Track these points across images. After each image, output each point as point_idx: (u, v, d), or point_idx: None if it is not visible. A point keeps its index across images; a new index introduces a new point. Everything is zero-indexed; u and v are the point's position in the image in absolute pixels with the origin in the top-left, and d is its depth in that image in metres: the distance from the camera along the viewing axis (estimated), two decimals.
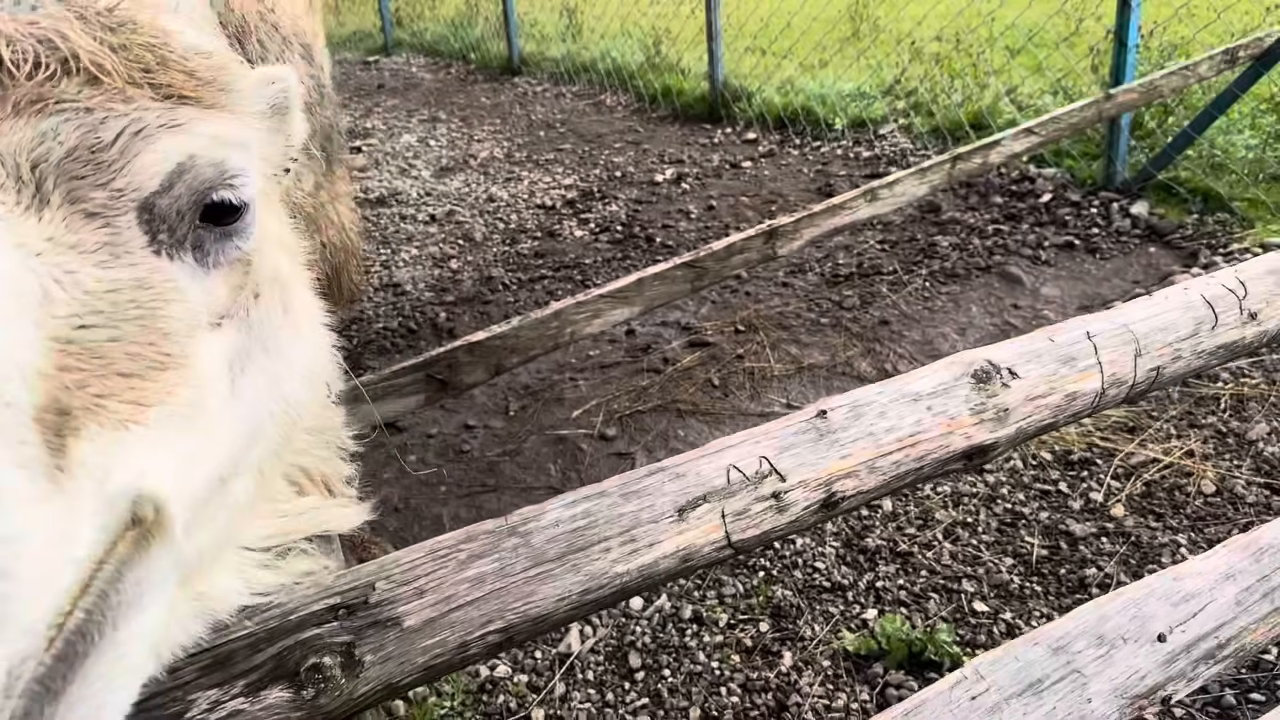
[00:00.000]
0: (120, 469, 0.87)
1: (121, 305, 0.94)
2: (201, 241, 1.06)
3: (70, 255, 0.93)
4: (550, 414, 5.00)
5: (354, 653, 1.16)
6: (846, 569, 3.65)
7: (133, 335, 0.94)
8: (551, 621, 1.27)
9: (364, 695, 1.17)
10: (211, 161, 1.04)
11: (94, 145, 0.98)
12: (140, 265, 0.98)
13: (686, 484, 1.35)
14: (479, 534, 1.27)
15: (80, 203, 0.96)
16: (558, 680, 3.34)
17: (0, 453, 0.75)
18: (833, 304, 5.69)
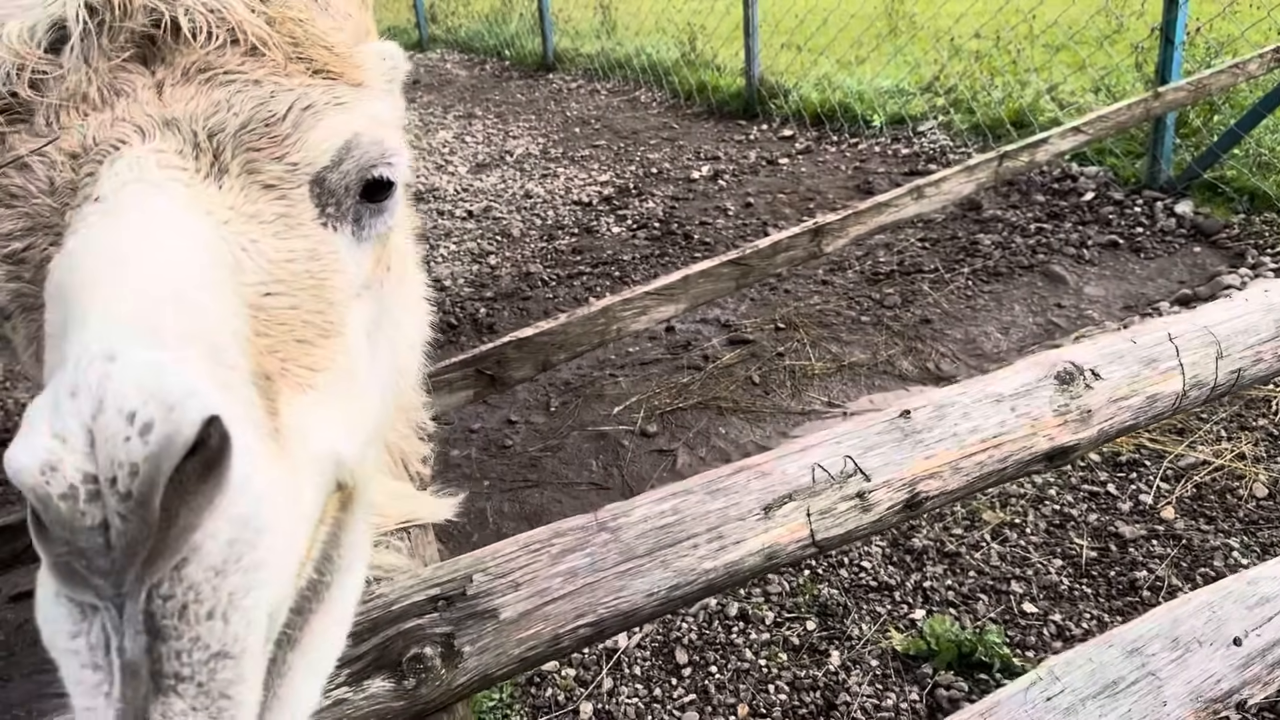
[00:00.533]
0: (316, 435, 0.91)
1: (298, 275, 0.98)
2: (359, 215, 1.10)
3: (252, 225, 0.96)
4: (591, 410, 5.02)
5: (454, 643, 1.17)
6: (893, 569, 3.65)
7: (307, 304, 0.98)
8: (640, 617, 1.28)
9: (462, 685, 1.19)
10: (374, 140, 1.08)
11: (267, 118, 1.01)
12: (311, 236, 1.02)
13: (771, 482, 1.35)
14: (569, 529, 1.28)
15: (257, 174, 0.99)
16: (605, 675, 3.35)
17: (237, 412, 0.78)
18: (873, 302, 5.67)
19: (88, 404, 0.71)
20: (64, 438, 0.71)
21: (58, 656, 0.76)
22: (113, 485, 0.70)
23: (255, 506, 0.77)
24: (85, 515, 0.71)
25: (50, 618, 0.75)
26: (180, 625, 0.74)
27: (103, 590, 0.73)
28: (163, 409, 0.71)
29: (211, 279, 0.86)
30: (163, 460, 0.71)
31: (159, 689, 0.74)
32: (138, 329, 0.76)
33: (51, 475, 0.70)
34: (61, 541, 0.71)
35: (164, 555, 0.73)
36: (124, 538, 0.71)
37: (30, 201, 0.97)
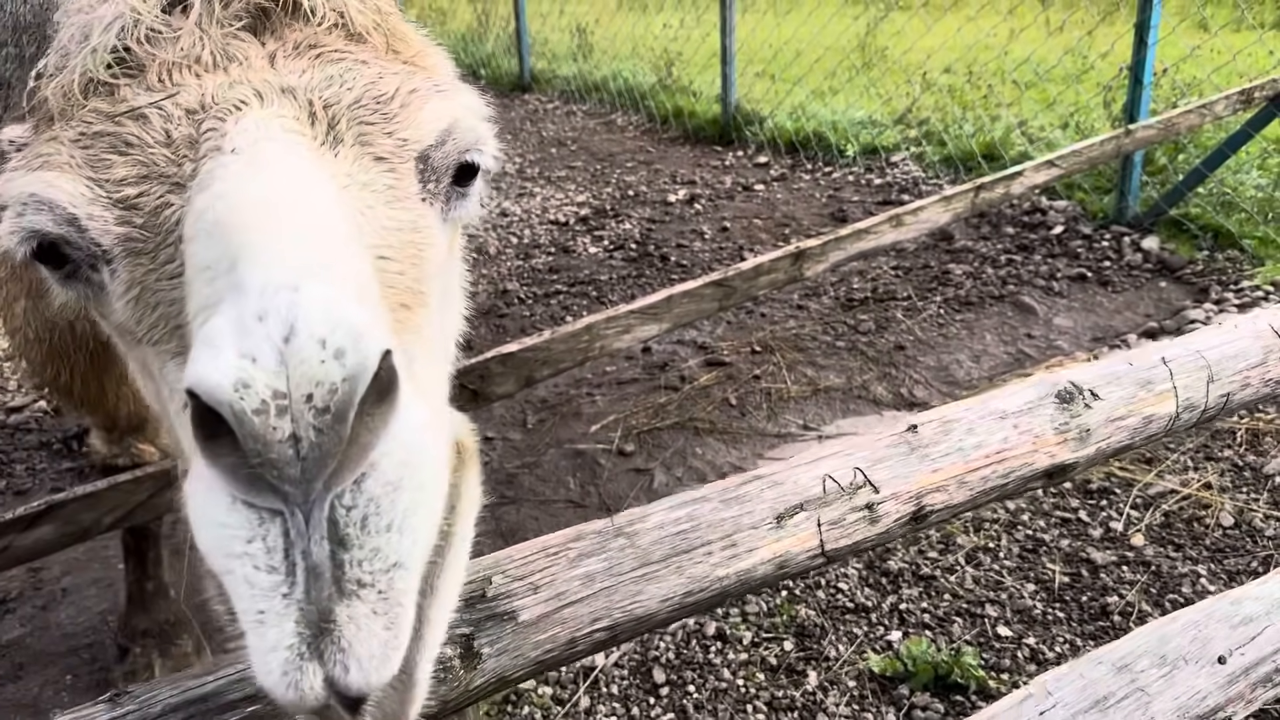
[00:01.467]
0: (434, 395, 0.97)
1: (404, 244, 1.04)
2: (449, 197, 1.17)
3: (366, 193, 1.02)
4: (568, 428, 5.02)
5: (473, 644, 1.18)
6: (870, 590, 3.68)
7: (409, 272, 1.04)
8: (654, 622, 1.29)
9: (479, 687, 1.19)
10: (470, 127, 1.16)
11: (378, 96, 1.07)
12: (414, 210, 1.08)
13: (784, 491, 1.37)
14: (587, 533, 1.29)
15: (369, 146, 1.05)
16: (582, 693, 3.35)
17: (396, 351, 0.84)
18: (848, 328, 5.74)
19: (277, 328, 0.76)
20: (254, 357, 0.76)
21: (225, 562, 0.80)
22: (308, 401, 0.76)
23: (419, 434, 0.84)
24: (276, 429, 0.76)
25: (224, 523, 0.80)
26: (362, 535, 0.80)
27: (292, 496, 0.79)
28: (351, 338, 0.77)
29: (350, 232, 0.93)
30: (359, 382, 0.77)
31: (343, 593, 0.80)
32: (312, 266, 0.81)
33: (245, 391, 0.75)
34: (254, 453, 0.77)
35: (347, 469, 0.80)
36: (317, 449, 0.77)
37: (146, 151, 1.02)
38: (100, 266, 1.06)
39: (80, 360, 2.12)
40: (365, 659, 0.80)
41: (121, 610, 3.46)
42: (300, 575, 0.79)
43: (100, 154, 1.03)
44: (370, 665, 0.81)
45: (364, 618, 0.80)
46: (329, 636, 0.79)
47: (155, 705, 1.04)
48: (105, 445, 2.78)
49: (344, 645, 0.80)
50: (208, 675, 1.07)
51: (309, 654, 0.79)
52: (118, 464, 2.77)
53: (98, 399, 2.34)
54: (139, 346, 1.09)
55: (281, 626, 0.79)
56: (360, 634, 0.80)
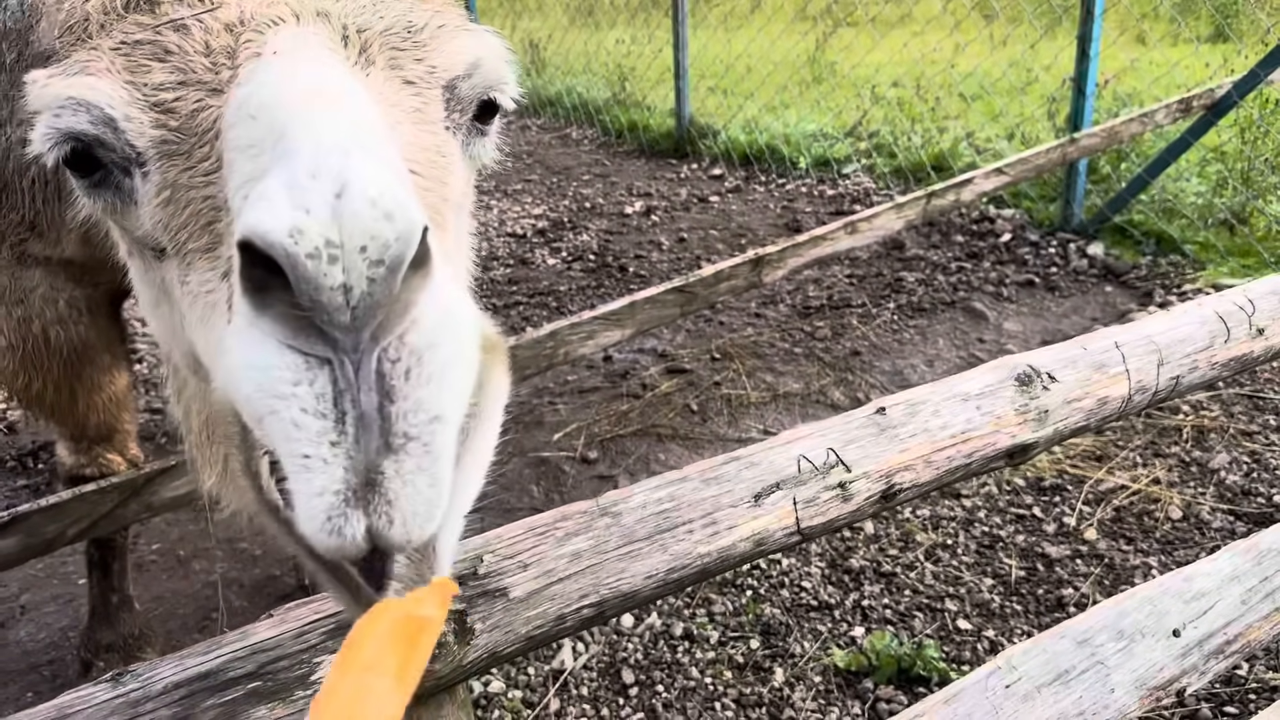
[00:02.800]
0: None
1: (430, 164, 1.08)
2: (470, 131, 1.21)
3: (395, 111, 1.05)
4: (531, 437, 5.04)
5: (466, 620, 1.21)
6: (832, 588, 3.74)
7: (435, 190, 1.08)
8: (639, 598, 1.33)
9: (472, 662, 1.22)
10: (495, 66, 1.20)
11: (409, 25, 1.12)
12: (439, 135, 1.12)
13: (761, 472, 1.42)
14: (573, 513, 1.33)
15: (399, 70, 1.09)
16: (552, 696, 3.36)
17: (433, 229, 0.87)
18: (805, 334, 5.83)
19: (329, 184, 0.79)
20: (308, 209, 0.78)
21: (269, 403, 0.82)
22: (363, 252, 0.79)
23: (453, 298, 0.88)
24: (328, 276, 0.78)
25: (269, 365, 0.81)
26: (406, 387, 0.82)
27: (341, 344, 0.81)
28: (400, 205, 0.80)
29: (388, 132, 0.95)
30: (409, 242, 0.80)
31: (390, 447, 0.82)
32: (360, 140, 0.84)
33: (300, 237, 0.78)
34: (305, 296, 0.79)
35: (394, 322, 0.82)
36: (369, 298, 0.80)
37: (185, 58, 1.05)
38: (133, 171, 1.09)
39: (54, 367, 2.11)
40: (410, 514, 0.83)
41: (84, 625, 3.42)
42: (350, 424, 0.81)
43: (140, 60, 1.06)
44: (414, 521, 0.83)
45: (410, 473, 0.82)
46: (376, 489, 0.82)
47: (157, 683, 1.06)
48: (72, 455, 2.75)
49: (391, 498, 0.82)
50: (209, 652, 1.09)
51: (354, 502, 0.81)
52: (84, 474, 2.75)
53: (68, 407, 2.33)
54: (160, 261, 1.14)
55: (330, 473, 0.81)
56: (406, 489, 0.82)
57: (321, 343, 0.81)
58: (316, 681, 1.12)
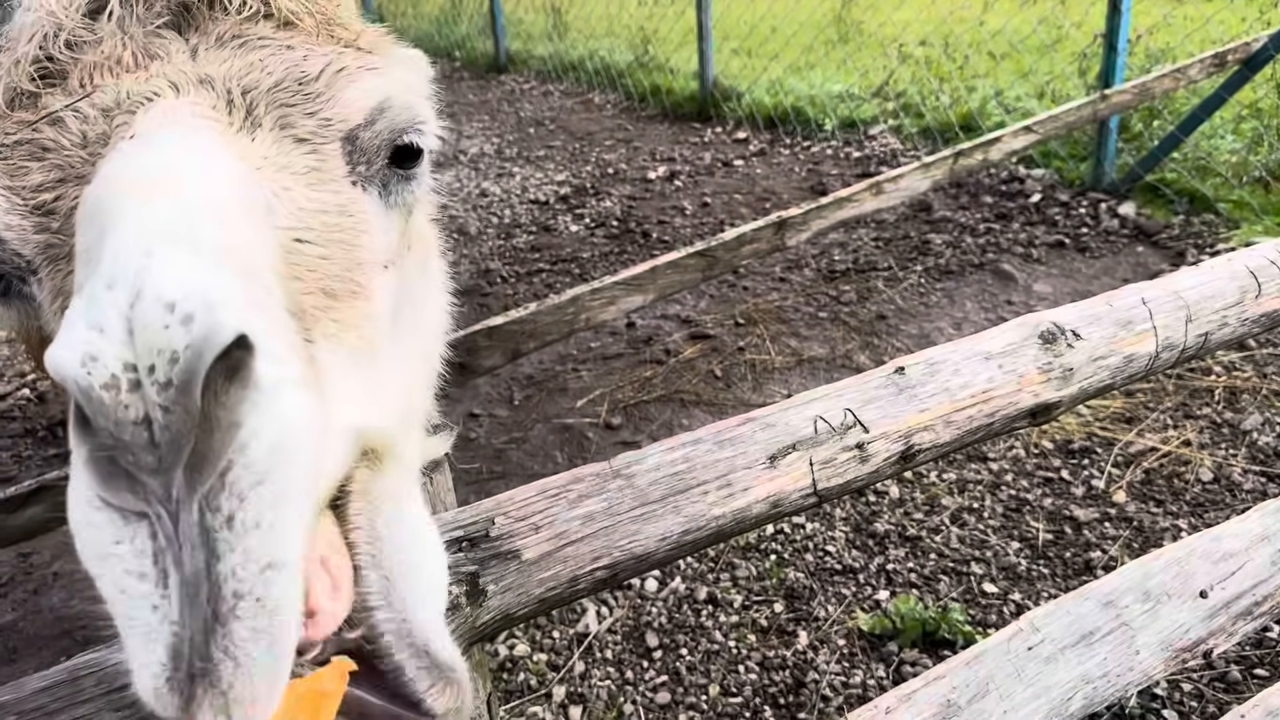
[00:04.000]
0: (342, 387, 0.91)
1: (329, 226, 0.99)
2: (387, 180, 1.11)
3: (284, 175, 0.97)
4: (555, 403, 5.04)
5: (478, 582, 1.20)
6: (857, 552, 3.73)
7: (337, 256, 0.98)
8: (653, 560, 1.32)
9: (485, 624, 1.22)
10: (405, 105, 1.10)
11: (300, 78, 1.04)
12: (342, 193, 1.03)
13: (776, 433, 1.40)
14: (586, 475, 1.32)
15: (290, 128, 1.01)
16: (576, 659, 3.38)
17: (270, 328, 0.78)
18: (830, 299, 5.78)
19: (124, 294, 0.71)
20: (101, 328, 0.70)
21: (95, 565, 0.74)
22: (151, 373, 0.70)
23: (293, 412, 0.77)
24: (129, 407, 0.70)
25: (90, 522, 0.74)
26: (230, 537, 0.73)
27: (152, 489, 0.72)
28: (203, 305, 0.71)
29: (245, 207, 0.87)
30: (205, 350, 0.70)
31: (218, 617, 0.73)
32: (176, 233, 0.76)
33: (92, 365, 0.69)
34: (106, 434, 0.71)
35: (210, 459, 0.73)
36: (167, 431, 0.70)
37: (62, 154, 0.99)
38: (29, 279, 1.02)
39: None
40: (247, 698, 0.75)
41: None
42: (174, 588, 0.73)
43: (19, 162, 1.00)
44: (254, 705, 0.76)
45: (243, 642, 0.74)
46: (208, 677, 0.74)
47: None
48: None
49: (224, 687, 0.74)
50: None
51: (182, 685, 0.74)
52: None
53: None
54: None
55: (156, 646, 0.74)
56: (239, 671, 0.74)
57: (130, 493, 0.73)
58: None
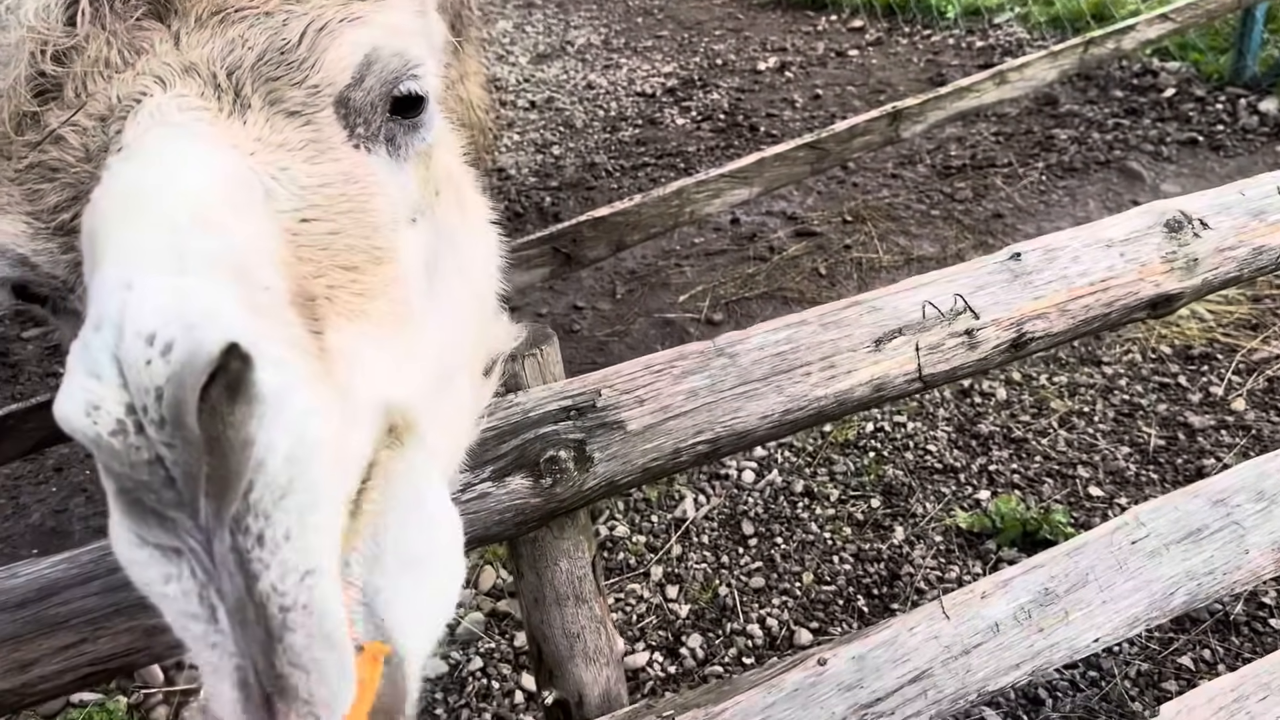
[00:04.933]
0: (368, 363, 0.90)
1: (335, 199, 0.97)
2: (393, 134, 1.07)
3: (280, 153, 0.95)
4: (657, 298, 5.07)
5: (585, 449, 1.25)
6: (959, 452, 3.70)
7: (349, 228, 0.96)
8: (753, 438, 1.35)
9: (591, 489, 1.27)
10: (395, 51, 1.05)
11: (282, 46, 0.99)
12: (344, 160, 1.00)
13: (883, 317, 1.40)
14: (689, 353, 1.34)
15: (280, 103, 0.98)
16: (674, 542, 3.48)
17: (270, 332, 0.77)
18: (944, 196, 5.60)
19: (110, 334, 0.70)
20: (98, 374, 0.70)
21: (154, 599, 0.76)
22: (146, 414, 0.69)
23: (305, 417, 0.76)
24: (140, 449, 0.70)
25: (135, 560, 0.75)
26: (264, 554, 0.73)
27: (181, 524, 0.73)
28: (182, 328, 0.70)
29: (237, 205, 0.85)
30: (185, 376, 0.69)
31: (271, 634, 0.74)
32: (156, 257, 0.75)
33: (96, 414, 0.69)
34: (126, 478, 0.71)
35: (231, 482, 0.73)
36: (178, 466, 0.70)
37: (70, 171, 0.97)
38: (69, 296, 1.01)
39: None
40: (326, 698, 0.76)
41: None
42: (223, 619, 0.74)
43: (34, 186, 0.98)
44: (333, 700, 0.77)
45: (303, 649, 0.75)
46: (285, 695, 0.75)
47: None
48: None
49: (304, 697, 0.75)
50: None
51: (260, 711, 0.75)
52: None
53: None
54: None
55: (226, 680, 0.75)
56: (310, 676, 0.75)
57: (162, 529, 0.73)
58: None
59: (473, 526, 1.23)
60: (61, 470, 4.24)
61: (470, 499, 1.21)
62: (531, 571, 1.40)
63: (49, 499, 4.10)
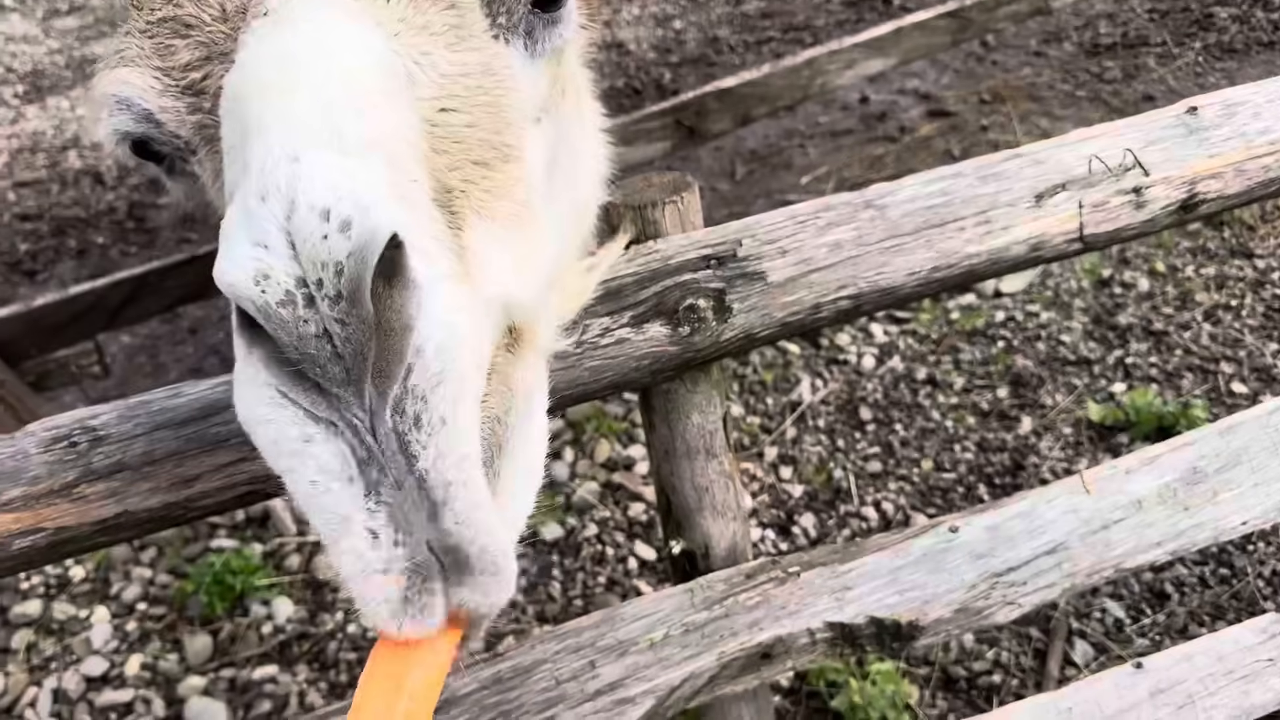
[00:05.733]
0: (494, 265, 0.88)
1: (473, 90, 0.92)
2: (532, 27, 1.02)
3: (424, 37, 0.90)
4: (778, 179, 4.94)
5: (724, 299, 1.22)
6: (1094, 344, 3.55)
7: (484, 123, 0.93)
8: (898, 295, 1.30)
9: (728, 340, 1.25)
10: None
11: None
12: (484, 49, 0.95)
13: (1045, 170, 1.31)
14: (836, 204, 1.29)
15: None
16: (789, 424, 3.46)
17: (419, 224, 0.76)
18: (1091, 76, 5.26)
19: (279, 206, 0.69)
20: (265, 243, 0.69)
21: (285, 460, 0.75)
22: (321, 288, 0.69)
23: (453, 311, 0.76)
24: (308, 322, 0.70)
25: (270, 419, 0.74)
26: (422, 437, 0.74)
27: (346, 401, 0.73)
28: (357, 207, 0.69)
29: (386, 88, 0.82)
30: (367, 255, 0.69)
31: (436, 515, 0.75)
32: (319, 132, 0.73)
33: (266, 284, 0.69)
34: (291, 349, 0.71)
35: (391, 365, 0.73)
36: (349, 344, 0.70)
37: (204, 30, 0.94)
38: (189, 158, 1.00)
39: None
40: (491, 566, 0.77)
41: None
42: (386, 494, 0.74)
43: (165, 40, 0.96)
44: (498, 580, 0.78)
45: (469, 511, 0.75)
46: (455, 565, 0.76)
47: None
48: None
49: (468, 565, 0.76)
50: None
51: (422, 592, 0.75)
52: None
53: None
54: None
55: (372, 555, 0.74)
56: (474, 545, 0.76)
57: (324, 402, 0.73)
58: None
59: (610, 372, 1.22)
60: (196, 332, 4.45)
61: (609, 343, 1.20)
62: (664, 424, 1.40)
63: (185, 359, 4.32)
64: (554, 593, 2.97)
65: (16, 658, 2.93)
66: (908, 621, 1.40)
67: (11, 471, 1.09)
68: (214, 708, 2.71)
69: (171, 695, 2.79)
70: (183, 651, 2.90)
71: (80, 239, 5.40)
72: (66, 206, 5.70)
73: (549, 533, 3.14)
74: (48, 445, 1.11)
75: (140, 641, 2.95)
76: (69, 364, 3.26)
